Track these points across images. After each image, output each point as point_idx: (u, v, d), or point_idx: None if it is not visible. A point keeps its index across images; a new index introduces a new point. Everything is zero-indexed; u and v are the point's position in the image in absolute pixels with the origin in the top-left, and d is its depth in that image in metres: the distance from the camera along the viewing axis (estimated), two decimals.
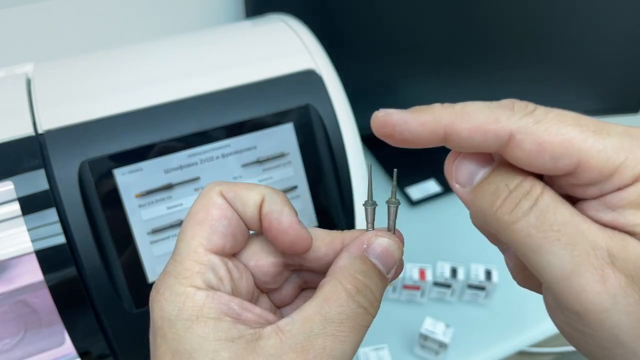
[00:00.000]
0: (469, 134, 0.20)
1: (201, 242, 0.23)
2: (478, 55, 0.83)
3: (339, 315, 0.21)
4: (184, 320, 0.21)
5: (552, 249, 0.18)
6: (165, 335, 0.21)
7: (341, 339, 0.21)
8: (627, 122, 1.27)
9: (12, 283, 0.41)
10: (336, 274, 0.23)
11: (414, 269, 0.70)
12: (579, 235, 0.18)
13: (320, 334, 0.21)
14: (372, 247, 0.24)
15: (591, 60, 0.85)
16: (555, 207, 0.19)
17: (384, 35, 0.79)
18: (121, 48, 0.54)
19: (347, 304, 0.22)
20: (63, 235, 0.41)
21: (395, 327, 0.70)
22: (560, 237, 0.18)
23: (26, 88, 0.47)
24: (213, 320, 0.21)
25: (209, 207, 0.23)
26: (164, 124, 0.45)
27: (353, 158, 0.50)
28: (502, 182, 0.20)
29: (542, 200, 0.19)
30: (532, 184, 0.20)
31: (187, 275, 0.22)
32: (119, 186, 0.43)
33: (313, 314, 0.21)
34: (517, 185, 0.20)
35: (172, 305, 0.21)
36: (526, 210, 0.19)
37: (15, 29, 0.73)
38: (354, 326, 0.21)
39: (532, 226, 0.19)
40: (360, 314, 0.22)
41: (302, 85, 0.49)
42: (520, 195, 0.19)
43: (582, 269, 0.18)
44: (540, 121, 0.19)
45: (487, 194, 0.20)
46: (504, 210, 0.20)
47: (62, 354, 0.44)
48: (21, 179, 0.41)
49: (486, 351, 0.67)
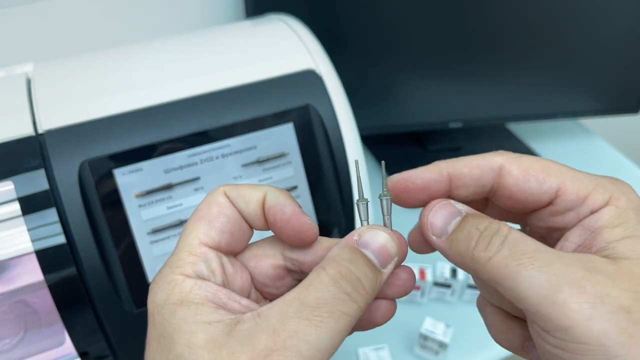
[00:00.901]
0: (469, 170, 0.24)
1: (197, 235, 0.23)
2: (478, 56, 0.83)
3: (317, 300, 0.21)
4: (170, 304, 0.21)
5: (528, 273, 0.20)
6: (155, 320, 0.22)
7: (316, 324, 0.20)
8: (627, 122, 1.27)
9: (12, 283, 0.41)
10: (323, 262, 0.23)
11: (414, 269, 0.70)
12: (551, 258, 0.20)
13: (294, 318, 0.20)
14: (363, 239, 0.23)
15: (591, 60, 0.85)
16: (525, 239, 0.21)
17: (384, 36, 0.79)
18: (121, 48, 0.54)
19: (327, 289, 0.21)
20: (63, 235, 0.41)
21: (395, 327, 0.70)
22: (534, 262, 0.20)
23: (26, 88, 0.47)
24: (195, 305, 0.21)
25: (211, 205, 0.24)
26: (164, 124, 0.45)
27: (353, 158, 0.50)
28: (472, 227, 0.22)
29: (511, 235, 0.21)
30: (499, 224, 0.22)
31: (180, 264, 0.23)
32: (119, 186, 0.43)
33: (291, 300, 0.21)
34: (487, 227, 0.22)
35: (162, 292, 0.22)
36: (499, 245, 0.21)
37: (15, 29, 0.73)
38: (332, 311, 0.20)
39: (507, 257, 0.21)
40: (341, 299, 0.21)
41: (302, 85, 0.49)
42: (491, 234, 0.22)
43: (561, 284, 0.20)
44: (522, 156, 0.24)
45: (462, 239, 0.22)
46: (479, 248, 0.22)
47: (62, 354, 0.44)
48: (21, 179, 0.41)
49: (486, 351, 0.67)
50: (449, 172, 0.24)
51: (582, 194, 0.22)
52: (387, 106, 0.86)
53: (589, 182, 0.22)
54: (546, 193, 0.23)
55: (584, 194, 0.22)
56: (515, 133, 1.01)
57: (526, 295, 0.20)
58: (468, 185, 0.24)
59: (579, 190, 0.22)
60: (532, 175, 0.23)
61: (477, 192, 0.24)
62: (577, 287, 0.19)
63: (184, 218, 0.45)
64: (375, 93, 0.85)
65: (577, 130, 1.04)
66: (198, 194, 0.45)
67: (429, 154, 0.94)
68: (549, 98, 0.89)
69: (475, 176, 0.24)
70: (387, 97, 0.85)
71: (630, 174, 0.94)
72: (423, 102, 0.87)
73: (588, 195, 0.22)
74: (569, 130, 1.04)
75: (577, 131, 1.04)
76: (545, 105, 0.90)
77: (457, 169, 0.24)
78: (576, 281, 0.20)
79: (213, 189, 0.25)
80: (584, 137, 1.02)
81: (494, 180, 0.24)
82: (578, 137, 1.02)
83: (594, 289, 0.19)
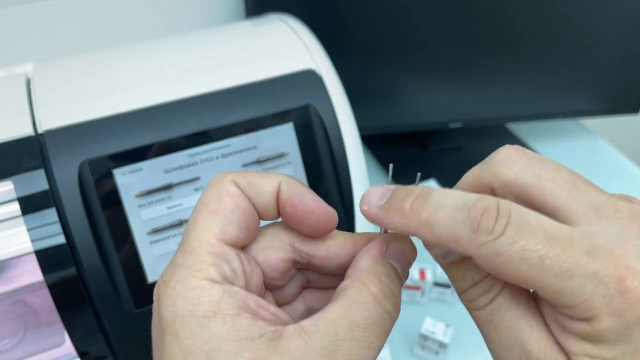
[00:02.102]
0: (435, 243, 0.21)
1: (215, 232, 0.21)
2: (478, 56, 0.83)
3: (365, 320, 0.21)
4: (199, 317, 0.19)
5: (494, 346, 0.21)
6: (177, 333, 0.19)
7: (367, 345, 0.20)
8: (627, 122, 1.27)
9: (12, 283, 0.41)
10: (359, 276, 0.22)
11: (414, 269, 0.70)
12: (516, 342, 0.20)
13: (347, 339, 0.20)
14: (392, 250, 0.23)
15: (591, 60, 0.85)
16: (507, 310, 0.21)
17: (384, 35, 0.79)
18: (121, 48, 0.54)
19: (374, 309, 0.21)
20: (63, 235, 0.41)
21: (395, 327, 0.69)
22: (500, 338, 0.21)
23: (26, 88, 0.47)
24: (232, 317, 0.19)
25: (222, 196, 0.22)
26: (164, 124, 0.45)
27: (353, 158, 0.50)
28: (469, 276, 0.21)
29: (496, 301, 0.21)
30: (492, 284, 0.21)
31: (201, 267, 0.20)
32: (119, 186, 0.43)
33: (338, 317, 0.21)
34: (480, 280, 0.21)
35: (186, 300, 0.20)
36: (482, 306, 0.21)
37: (15, 29, 0.73)
38: (379, 332, 0.21)
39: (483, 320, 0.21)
40: (385, 319, 0.21)
41: (302, 85, 0.49)
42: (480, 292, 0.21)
43: None
44: (500, 253, 0.18)
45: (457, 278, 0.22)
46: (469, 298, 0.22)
47: (62, 354, 0.44)
48: (21, 179, 0.41)
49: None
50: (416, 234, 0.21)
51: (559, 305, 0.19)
52: (387, 106, 0.86)
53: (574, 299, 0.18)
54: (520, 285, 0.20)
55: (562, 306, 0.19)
56: (515, 133, 1.01)
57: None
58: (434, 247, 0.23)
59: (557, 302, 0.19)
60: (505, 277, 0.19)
61: None
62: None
63: (184, 218, 0.45)
64: (375, 93, 0.84)
65: (577, 130, 1.04)
66: (198, 194, 0.45)
67: (429, 154, 0.94)
68: (549, 98, 0.89)
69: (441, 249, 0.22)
70: (387, 97, 0.85)
71: (630, 175, 0.94)
72: (423, 102, 0.87)
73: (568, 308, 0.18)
74: (569, 130, 1.04)
75: (577, 131, 1.03)
76: (545, 105, 0.90)
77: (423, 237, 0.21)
78: None
79: (218, 176, 0.23)
80: (584, 137, 1.02)
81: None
82: (578, 137, 1.02)
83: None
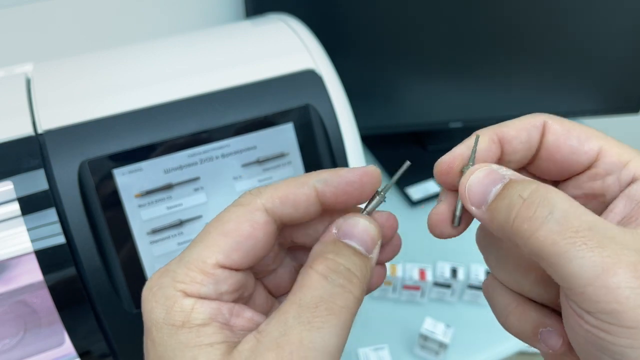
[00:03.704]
0: (516, 132, 0.23)
1: (216, 255, 0.21)
2: (478, 56, 0.83)
3: (312, 299, 0.19)
4: (170, 325, 0.20)
5: (580, 253, 0.18)
6: (154, 339, 0.20)
7: (318, 326, 0.19)
8: (627, 122, 1.27)
9: (12, 283, 0.41)
10: (308, 261, 0.21)
11: (414, 269, 0.70)
12: (606, 238, 0.19)
13: (295, 325, 0.19)
14: (342, 230, 0.22)
15: (592, 60, 0.85)
16: (576, 211, 0.19)
17: (384, 35, 0.79)
18: (121, 48, 0.54)
19: (320, 284, 0.20)
20: (63, 235, 0.41)
21: (395, 327, 0.70)
22: (587, 241, 0.19)
23: (26, 88, 0.47)
24: (197, 327, 0.20)
25: (242, 222, 0.21)
26: (163, 124, 0.45)
27: (353, 158, 0.50)
28: (515, 194, 0.20)
29: (560, 205, 0.19)
30: (547, 190, 0.20)
31: (185, 280, 0.20)
32: (119, 186, 0.43)
33: (287, 306, 0.20)
34: (532, 192, 0.20)
35: (161, 308, 0.20)
36: (546, 217, 0.19)
37: (15, 29, 0.73)
38: (331, 308, 0.19)
39: (555, 233, 0.19)
40: (336, 293, 0.20)
41: (302, 85, 0.49)
42: (536, 202, 0.19)
43: (615, 267, 0.18)
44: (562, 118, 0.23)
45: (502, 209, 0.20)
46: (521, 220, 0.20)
47: (61, 354, 0.44)
48: (21, 179, 0.41)
49: (486, 351, 0.67)
50: (499, 137, 0.23)
51: (623, 159, 0.22)
52: (387, 106, 0.86)
53: (630, 150, 0.22)
54: (587, 154, 0.22)
55: (625, 160, 0.22)
56: None
57: (573, 275, 0.19)
58: (517, 150, 0.23)
59: (621, 154, 0.22)
60: (574, 134, 0.22)
61: (525, 156, 0.23)
62: (633, 272, 0.18)
63: (184, 218, 0.45)
64: (375, 93, 0.84)
65: None
66: (198, 194, 0.45)
67: (429, 154, 0.94)
68: (549, 98, 0.89)
69: (523, 139, 0.23)
70: (387, 97, 0.85)
71: None
72: (423, 102, 0.87)
73: (630, 161, 0.21)
74: None
75: None
76: (546, 105, 0.90)
77: (505, 133, 0.23)
78: (631, 265, 0.18)
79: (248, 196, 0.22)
80: None
81: (539, 138, 0.23)
82: None
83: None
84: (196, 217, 0.45)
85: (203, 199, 0.45)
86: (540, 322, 0.23)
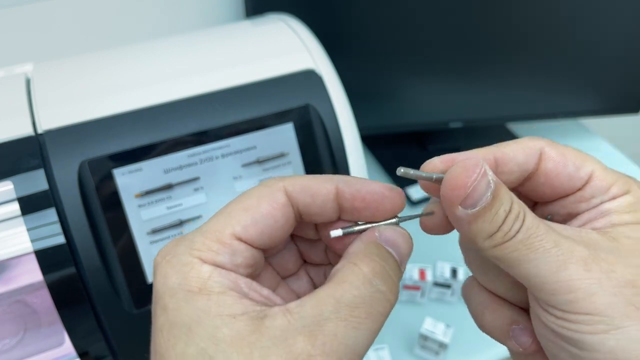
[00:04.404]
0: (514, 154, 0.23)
1: (233, 226, 0.21)
2: (478, 56, 0.83)
3: (354, 299, 0.20)
4: (185, 291, 0.20)
5: (538, 255, 0.21)
6: (166, 305, 0.20)
7: (354, 325, 0.19)
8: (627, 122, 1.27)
9: (12, 283, 0.41)
10: (351, 257, 0.21)
11: (414, 269, 0.70)
12: (560, 239, 0.21)
13: (332, 319, 0.19)
14: (385, 236, 0.23)
15: (591, 60, 0.85)
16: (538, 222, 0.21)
17: (384, 35, 0.79)
18: (121, 48, 0.54)
19: (364, 287, 0.20)
20: (62, 235, 0.41)
21: (395, 327, 0.70)
22: (544, 244, 0.21)
23: (26, 88, 0.47)
24: (217, 295, 0.20)
25: (263, 199, 0.22)
26: (163, 124, 0.45)
27: (353, 158, 0.50)
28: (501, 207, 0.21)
29: (527, 218, 0.21)
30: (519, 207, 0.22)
31: (201, 248, 0.21)
32: (119, 186, 0.43)
33: (325, 297, 0.20)
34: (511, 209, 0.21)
35: (176, 274, 0.20)
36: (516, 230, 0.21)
37: (15, 29, 0.73)
38: (370, 312, 0.20)
39: (519, 242, 0.21)
40: (377, 298, 0.20)
41: (302, 85, 0.49)
42: (513, 217, 0.21)
43: (568, 262, 0.20)
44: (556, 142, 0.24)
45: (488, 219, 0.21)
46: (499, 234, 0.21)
47: (61, 354, 0.43)
48: (21, 179, 0.41)
49: (486, 351, 0.67)
50: (495, 157, 0.23)
51: (608, 183, 0.23)
52: (387, 106, 0.86)
53: (614, 174, 0.23)
54: (581, 179, 0.23)
55: (609, 183, 0.23)
56: (515, 133, 1.01)
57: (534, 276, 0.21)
58: (513, 171, 0.23)
59: (607, 178, 0.23)
60: (570, 160, 0.23)
61: (518, 178, 0.24)
62: (584, 265, 0.20)
63: (184, 218, 0.45)
64: (375, 93, 0.84)
65: (577, 130, 1.04)
66: (198, 194, 0.45)
67: (429, 154, 0.94)
68: (549, 98, 0.89)
69: (520, 161, 0.23)
70: (387, 97, 0.85)
71: (630, 175, 0.94)
72: (423, 102, 0.87)
73: (612, 185, 0.23)
74: (569, 130, 1.04)
75: (577, 131, 1.03)
76: (546, 105, 0.90)
77: (504, 153, 0.23)
78: (582, 259, 0.20)
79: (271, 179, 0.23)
80: (584, 137, 1.02)
81: (535, 165, 0.23)
82: (578, 137, 1.02)
83: (598, 266, 0.20)
84: (196, 217, 0.45)
85: (203, 199, 0.45)
86: (513, 320, 0.25)
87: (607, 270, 0.20)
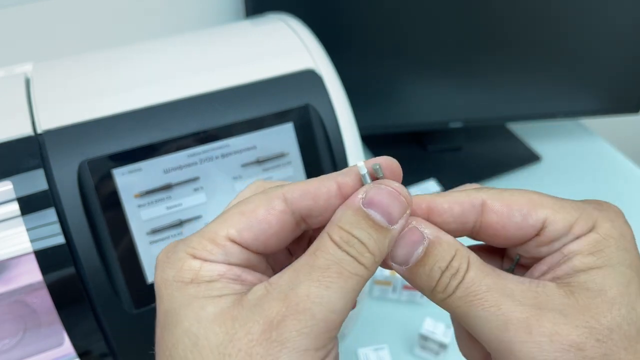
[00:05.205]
0: (449, 206, 0.23)
1: (228, 229, 0.22)
2: (478, 56, 0.83)
3: (326, 262, 0.20)
4: (179, 282, 0.21)
5: (478, 313, 0.21)
6: (162, 296, 0.21)
7: (326, 284, 0.20)
8: (627, 122, 1.27)
9: (11, 283, 0.41)
10: (327, 227, 0.22)
11: None
12: (500, 299, 0.21)
13: (305, 281, 0.20)
14: (368, 196, 0.22)
15: (591, 60, 0.85)
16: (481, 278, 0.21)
17: (384, 35, 0.79)
18: (121, 48, 0.54)
19: (334, 251, 0.21)
20: (62, 235, 0.41)
21: (395, 327, 0.70)
22: (483, 302, 0.21)
23: (25, 88, 0.47)
24: (206, 282, 0.21)
25: (259, 206, 0.22)
26: (163, 124, 0.45)
27: (353, 158, 0.50)
28: (435, 264, 0.22)
29: (469, 275, 0.21)
30: (459, 262, 0.22)
31: (197, 247, 0.22)
32: (118, 186, 0.43)
33: (300, 265, 0.21)
34: (448, 266, 0.22)
35: (171, 268, 0.22)
36: (455, 287, 0.21)
37: (15, 29, 0.73)
38: (341, 272, 0.20)
39: (459, 299, 0.21)
40: (348, 260, 0.21)
41: (302, 85, 0.49)
42: (450, 274, 0.21)
43: (508, 324, 0.20)
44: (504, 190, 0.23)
45: (423, 276, 0.22)
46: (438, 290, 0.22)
47: (61, 354, 0.43)
48: (20, 179, 0.41)
49: None
50: (429, 206, 0.23)
51: (567, 223, 0.22)
52: (387, 106, 0.86)
53: (575, 211, 0.22)
54: (532, 227, 0.22)
55: (569, 223, 0.22)
56: (515, 133, 1.01)
57: (478, 333, 0.21)
58: (448, 222, 0.23)
59: (565, 219, 0.22)
60: (516, 210, 0.22)
61: (458, 229, 0.23)
62: (524, 327, 0.20)
63: (184, 218, 0.45)
64: (375, 93, 0.84)
65: (577, 130, 1.04)
66: (197, 194, 0.45)
67: (429, 154, 0.94)
68: (549, 98, 0.89)
69: (455, 213, 0.23)
70: (387, 97, 0.85)
71: (630, 175, 0.94)
72: (423, 102, 0.87)
73: (574, 224, 0.22)
74: (569, 130, 1.04)
75: (577, 131, 1.03)
76: (545, 105, 0.90)
77: (437, 204, 0.23)
78: (523, 321, 0.20)
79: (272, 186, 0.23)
80: (584, 137, 1.02)
81: (477, 218, 0.23)
82: (578, 137, 1.02)
83: (541, 329, 0.20)
84: (196, 217, 0.45)
85: (203, 199, 0.45)
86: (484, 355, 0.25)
87: (549, 333, 0.19)
